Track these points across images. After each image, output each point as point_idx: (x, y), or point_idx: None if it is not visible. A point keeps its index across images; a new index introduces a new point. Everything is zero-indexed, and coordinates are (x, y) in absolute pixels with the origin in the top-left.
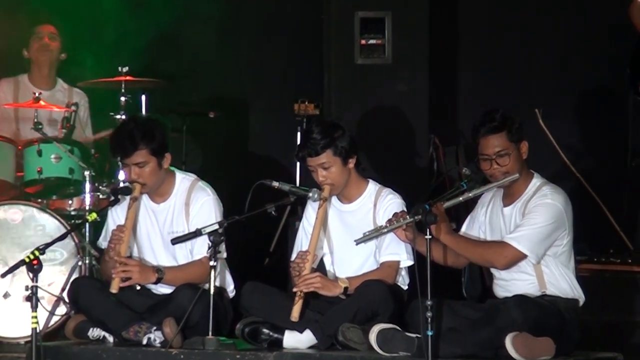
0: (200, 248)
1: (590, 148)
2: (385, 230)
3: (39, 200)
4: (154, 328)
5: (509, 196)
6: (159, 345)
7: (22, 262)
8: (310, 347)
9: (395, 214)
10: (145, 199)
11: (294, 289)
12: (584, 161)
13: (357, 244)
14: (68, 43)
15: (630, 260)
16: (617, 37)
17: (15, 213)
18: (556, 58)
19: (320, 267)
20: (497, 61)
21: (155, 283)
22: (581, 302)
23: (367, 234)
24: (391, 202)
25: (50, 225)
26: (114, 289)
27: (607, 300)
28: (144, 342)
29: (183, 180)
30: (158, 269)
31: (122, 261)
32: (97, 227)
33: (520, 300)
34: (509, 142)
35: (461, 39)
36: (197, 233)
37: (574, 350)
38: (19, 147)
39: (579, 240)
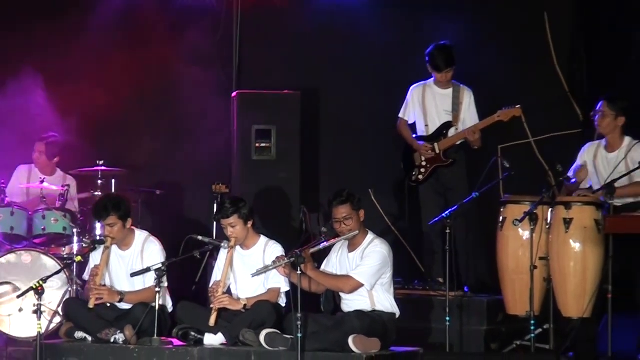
0: (150, 280)
1: (403, 215)
2: (271, 267)
3: (43, 247)
4: (118, 331)
5: (352, 246)
6: (121, 343)
7: (31, 288)
8: (222, 344)
9: (277, 257)
10: (115, 248)
11: (211, 305)
12: (400, 223)
13: (252, 276)
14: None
15: (427, 288)
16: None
17: (26, 257)
18: (382, 154)
19: (228, 291)
20: (345, 156)
21: (119, 302)
22: (397, 315)
23: (260, 269)
24: (275, 249)
25: (50, 264)
26: (90, 305)
27: (413, 314)
28: (112, 340)
29: (140, 235)
30: (120, 293)
31: (96, 287)
32: (82, 266)
33: (358, 314)
34: (352, 210)
35: (321, 141)
36: (147, 269)
37: (392, 345)
38: (30, 213)
39: (396, 274)
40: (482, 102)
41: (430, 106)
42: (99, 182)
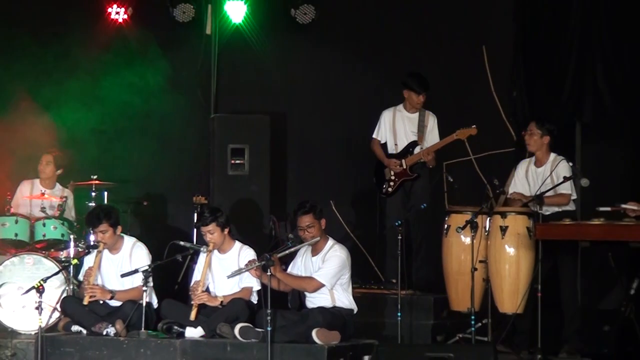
0: (137, 279)
1: (362, 223)
2: (244, 269)
3: (43, 251)
4: (110, 325)
5: (315, 251)
6: (112, 335)
7: (33, 287)
8: (201, 337)
9: (249, 261)
10: (106, 252)
11: (192, 302)
12: (358, 230)
13: (228, 278)
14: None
15: (382, 287)
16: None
17: (29, 259)
18: (342, 169)
19: (207, 290)
20: (309, 171)
21: (110, 299)
22: (355, 311)
23: (235, 271)
24: (248, 253)
25: (50, 266)
26: (85, 302)
27: (369, 310)
28: (104, 333)
29: (128, 240)
30: (111, 291)
31: (90, 286)
32: (78, 268)
33: (321, 309)
34: (314, 219)
35: (288, 158)
36: (135, 271)
37: (351, 338)
38: (32, 221)
39: (354, 275)
40: None
41: (399, 127)
42: (93, 194)
